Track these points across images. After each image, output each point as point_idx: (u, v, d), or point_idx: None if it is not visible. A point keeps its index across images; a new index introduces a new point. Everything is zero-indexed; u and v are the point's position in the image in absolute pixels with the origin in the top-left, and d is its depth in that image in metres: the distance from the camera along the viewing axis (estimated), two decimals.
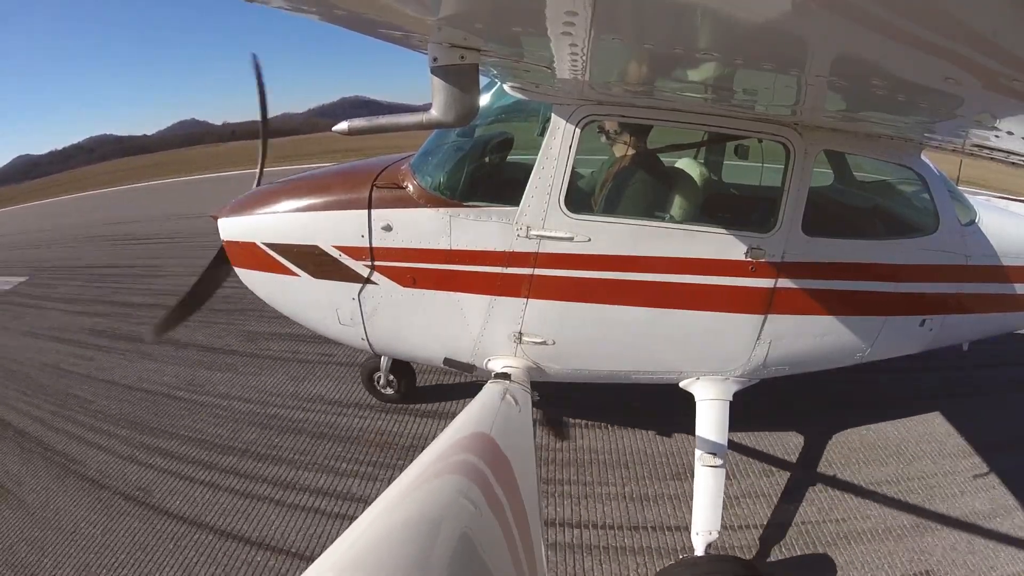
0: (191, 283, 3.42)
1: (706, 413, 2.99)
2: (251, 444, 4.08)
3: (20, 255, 12.01)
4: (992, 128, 1.70)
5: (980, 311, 3.40)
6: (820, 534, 3.22)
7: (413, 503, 1.15)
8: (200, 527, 3.33)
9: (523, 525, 1.31)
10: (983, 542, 3.20)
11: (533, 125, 3.18)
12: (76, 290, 8.52)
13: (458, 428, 1.67)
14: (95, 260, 10.44)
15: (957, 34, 0.86)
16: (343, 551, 0.98)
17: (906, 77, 1.30)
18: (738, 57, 1.39)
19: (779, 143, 2.74)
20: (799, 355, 3.11)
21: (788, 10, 0.92)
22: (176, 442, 4.18)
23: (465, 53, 1.77)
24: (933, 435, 4.12)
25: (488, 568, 1.06)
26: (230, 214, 3.26)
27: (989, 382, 4.88)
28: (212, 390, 4.90)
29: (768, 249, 2.78)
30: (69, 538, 3.32)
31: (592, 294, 2.84)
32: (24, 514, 3.58)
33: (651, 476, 3.63)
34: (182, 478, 3.78)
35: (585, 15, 1.12)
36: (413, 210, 2.89)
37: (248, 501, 3.53)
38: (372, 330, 3.16)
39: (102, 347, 6.09)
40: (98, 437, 4.35)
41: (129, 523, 3.41)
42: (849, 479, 3.66)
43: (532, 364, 3.02)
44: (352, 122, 2.16)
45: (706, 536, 2.65)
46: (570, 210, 2.72)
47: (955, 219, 3.14)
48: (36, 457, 4.19)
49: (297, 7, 1.57)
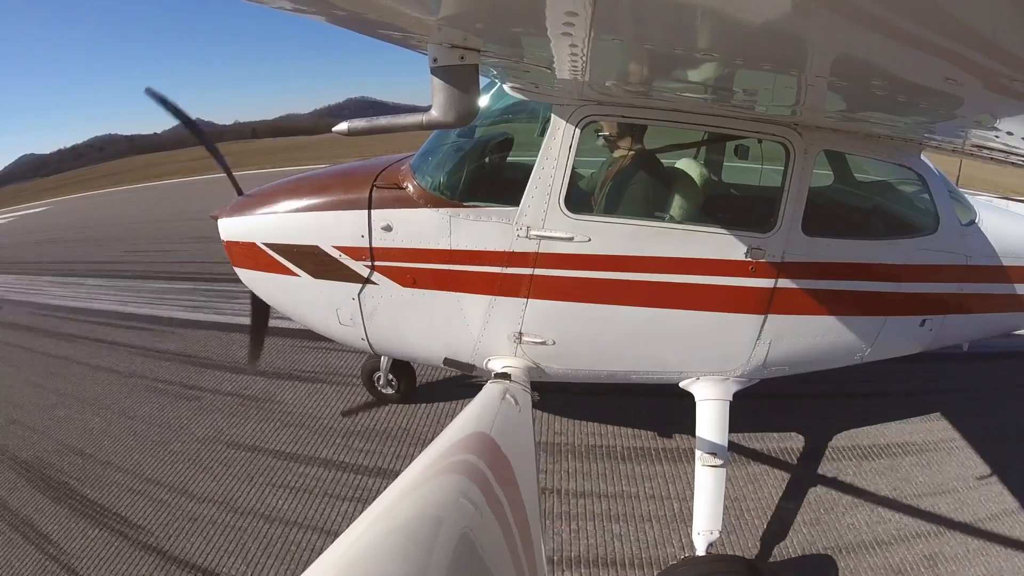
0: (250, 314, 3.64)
1: (706, 413, 2.99)
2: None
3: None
4: (992, 128, 1.70)
5: (980, 311, 3.39)
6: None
7: (413, 503, 1.15)
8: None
9: (523, 525, 1.31)
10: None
11: (533, 125, 3.18)
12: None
13: (458, 428, 1.67)
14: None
15: (957, 34, 0.86)
16: (343, 551, 0.98)
17: (906, 77, 1.30)
18: (738, 57, 1.39)
19: (779, 143, 2.74)
20: (799, 355, 3.11)
21: (788, 10, 0.92)
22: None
23: (465, 53, 1.77)
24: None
25: (488, 568, 1.06)
26: (230, 214, 3.26)
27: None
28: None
29: (768, 249, 2.78)
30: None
31: (592, 294, 2.83)
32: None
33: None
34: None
35: (585, 15, 1.12)
36: (413, 210, 2.89)
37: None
38: (372, 330, 3.16)
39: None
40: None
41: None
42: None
43: (532, 364, 3.02)
44: (352, 123, 2.16)
45: (707, 536, 2.65)
46: (570, 210, 2.72)
47: (955, 219, 3.14)
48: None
49: (297, 7, 1.56)
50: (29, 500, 3.75)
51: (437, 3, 1.36)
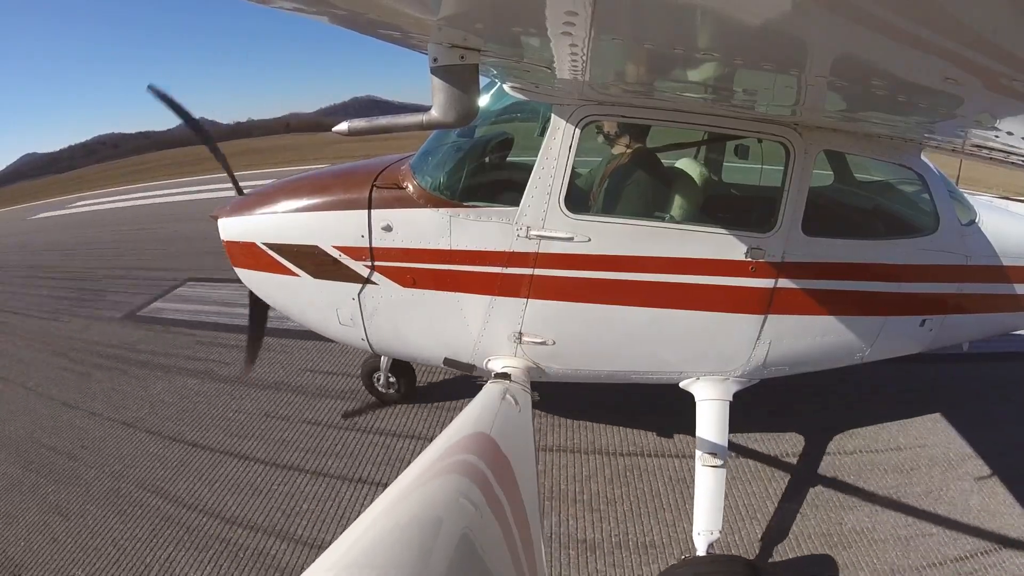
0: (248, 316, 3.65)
1: (706, 413, 2.99)
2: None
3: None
4: (992, 128, 1.70)
5: (980, 311, 3.39)
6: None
7: (413, 503, 1.15)
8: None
9: (523, 525, 1.31)
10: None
11: (533, 125, 3.18)
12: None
13: (458, 428, 1.67)
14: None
15: (957, 34, 0.86)
16: (343, 551, 0.99)
17: (906, 77, 1.30)
18: (738, 57, 1.39)
19: (779, 143, 2.74)
20: (799, 355, 3.11)
21: (788, 10, 0.92)
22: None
23: (465, 53, 1.77)
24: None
25: (488, 568, 1.06)
26: (230, 214, 3.26)
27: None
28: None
29: (768, 249, 2.78)
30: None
31: (592, 294, 2.84)
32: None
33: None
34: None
35: (585, 15, 1.12)
36: (413, 210, 2.89)
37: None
38: (372, 330, 3.16)
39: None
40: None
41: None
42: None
43: (532, 364, 3.02)
44: (352, 123, 2.15)
45: (708, 536, 2.65)
46: (570, 210, 2.72)
47: (955, 219, 3.14)
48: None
49: (297, 7, 1.56)
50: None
51: (437, 3, 1.36)
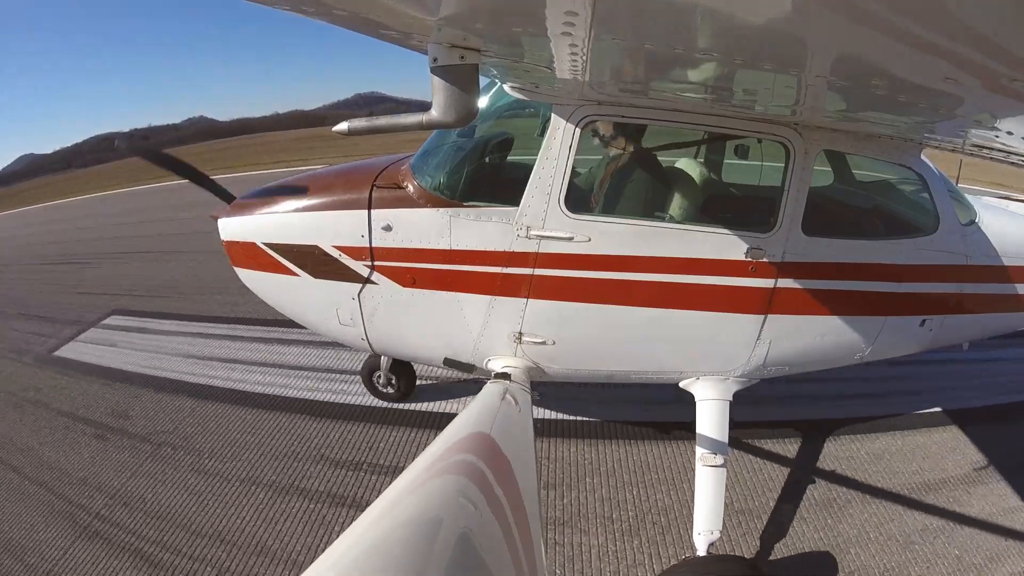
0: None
1: (706, 413, 2.99)
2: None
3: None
4: (992, 128, 1.70)
5: (980, 311, 3.39)
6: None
7: (413, 503, 1.15)
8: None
9: (523, 525, 1.31)
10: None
11: (533, 125, 3.18)
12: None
13: (458, 428, 1.67)
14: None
15: (957, 34, 0.86)
16: (343, 551, 0.99)
17: (906, 77, 1.30)
18: (738, 57, 1.39)
19: (779, 143, 2.74)
20: (799, 355, 3.11)
21: (788, 10, 0.92)
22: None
23: (465, 53, 1.77)
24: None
25: (488, 568, 1.06)
26: (230, 214, 3.26)
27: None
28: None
29: (768, 249, 2.78)
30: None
31: (592, 294, 2.83)
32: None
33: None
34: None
35: (585, 15, 1.12)
36: (413, 210, 2.89)
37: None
38: (372, 330, 3.16)
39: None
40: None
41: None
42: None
43: (532, 364, 3.02)
44: (352, 123, 2.16)
45: (708, 536, 2.65)
46: (570, 210, 2.72)
47: (955, 219, 3.14)
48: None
49: (297, 7, 1.56)
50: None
51: (437, 3, 1.36)
